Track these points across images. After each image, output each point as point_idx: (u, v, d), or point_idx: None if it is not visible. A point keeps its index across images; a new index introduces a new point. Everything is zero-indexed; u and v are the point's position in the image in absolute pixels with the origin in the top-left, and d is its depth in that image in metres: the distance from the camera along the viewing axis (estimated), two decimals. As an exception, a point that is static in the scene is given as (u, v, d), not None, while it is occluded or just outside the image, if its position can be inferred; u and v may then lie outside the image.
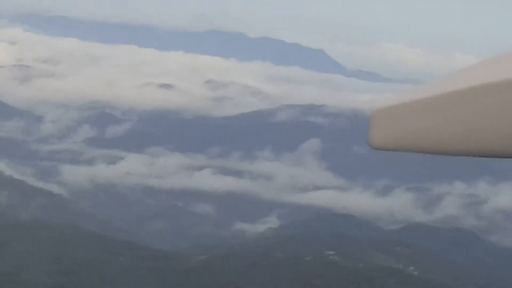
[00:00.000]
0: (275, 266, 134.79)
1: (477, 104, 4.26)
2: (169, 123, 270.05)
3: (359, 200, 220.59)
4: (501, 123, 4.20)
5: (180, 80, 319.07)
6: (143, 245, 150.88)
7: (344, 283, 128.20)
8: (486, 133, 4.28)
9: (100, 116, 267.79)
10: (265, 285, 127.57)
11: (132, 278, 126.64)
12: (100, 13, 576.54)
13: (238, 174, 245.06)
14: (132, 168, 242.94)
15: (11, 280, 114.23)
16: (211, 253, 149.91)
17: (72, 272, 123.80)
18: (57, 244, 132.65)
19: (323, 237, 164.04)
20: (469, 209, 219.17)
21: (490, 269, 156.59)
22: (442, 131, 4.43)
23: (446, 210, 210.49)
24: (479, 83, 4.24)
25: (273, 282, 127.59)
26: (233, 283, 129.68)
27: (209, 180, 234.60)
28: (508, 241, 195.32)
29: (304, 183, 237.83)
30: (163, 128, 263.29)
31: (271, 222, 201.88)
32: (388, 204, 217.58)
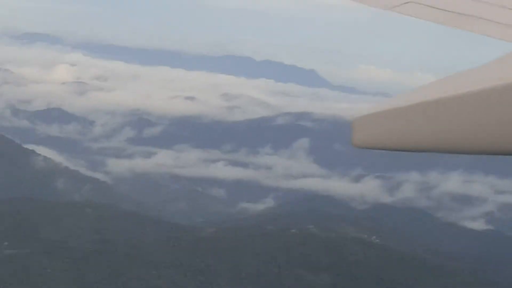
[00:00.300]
0: (266, 236, 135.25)
1: (435, 112, 4.19)
2: (192, 126, 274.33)
3: (337, 186, 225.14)
4: (455, 127, 4.20)
5: (201, 93, 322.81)
6: (167, 220, 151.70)
7: (321, 250, 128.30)
8: (441, 134, 4.28)
9: (139, 120, 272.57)
10: (257, 250, 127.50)
11: (158, 246, 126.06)
12: (141, 41, 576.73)
13: (245, 165, 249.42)
14: (163, 160, 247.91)
15: (60, 246, 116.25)
16: (219, 226, 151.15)
17: (110, 241, 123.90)
18: (100, 219, 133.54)
19: (307, 214, 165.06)
20: (422, 192, 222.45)
21: (436, 238, 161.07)
22: (408, 134, 4.44)
23: (404, 194, 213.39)
24: (436, 96, 4.24)
25: (264, 249, 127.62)
26: (233, 248, 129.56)
27: (222, 170, 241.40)
28: (451, 217, 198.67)
29: (296, 172, 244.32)
30: (187, 130, 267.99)
31: (268, 203, 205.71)
32: (360, 189, 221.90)
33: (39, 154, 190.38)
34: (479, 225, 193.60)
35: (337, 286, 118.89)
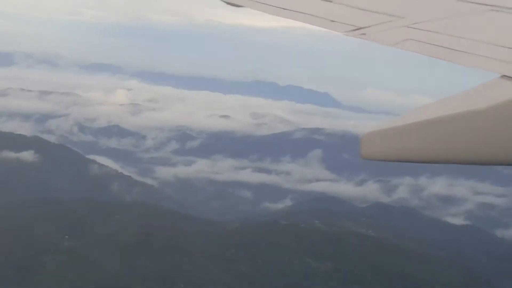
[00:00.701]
0: (280, 230, 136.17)
1: (432, 129, 4.12)
2: (226, 139, 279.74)
3: (344, 188, 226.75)
4: (447, 143, 4.18)
5: (234, 112, 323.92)
6: (202, 217, 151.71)
7: (325, 242, 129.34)
8: (436, 148, 4.24)
9: (183, 135, 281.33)
10: (272, 241, 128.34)
11: (192, 238, 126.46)
12: (186, 69, 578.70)
13: (268, 171, 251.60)
14: (201, 168, 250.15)
15: (109, 239, 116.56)
16: (242, 222, 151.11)
17: (153, 234, 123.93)
18: (146, 217, 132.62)
19: (315, 212, 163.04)
20: (414, 193, 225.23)
21: (423, 231, 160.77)
22: (408, 149, 4.34)
23: (399, 194, 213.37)
24: (433, 116, 4.20)
25: (278, 240, 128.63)
26: (252, 240, 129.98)
27: (249, 175, 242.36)
28: (436, 214, 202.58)
29: (310, 177, 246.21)
30: (222, 142, 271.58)
31: (286, 202, 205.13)
32: (362, 191, 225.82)
33: (99, 163, 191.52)
34: (459, 220, 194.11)
35: (338, 272, 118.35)
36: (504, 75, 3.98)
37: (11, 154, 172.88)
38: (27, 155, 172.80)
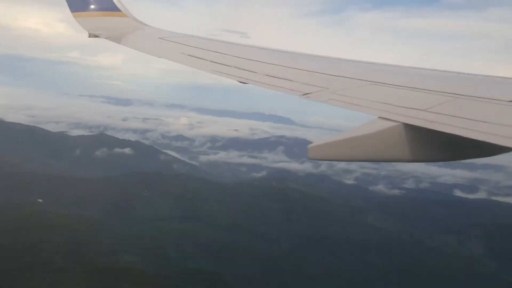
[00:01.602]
0: (257, 187, 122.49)
1: (356, 143, 3.65)
2: (235, 141, 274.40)
3: (293, 166, 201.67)
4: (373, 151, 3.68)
5: (241, 128, 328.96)
6: (219, 181, 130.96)
7: (276, 193, 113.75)
8: (349, 154, 3.69)
9: (213, 139, 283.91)
10: (251, 192, 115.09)
11: (214, 189, 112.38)
12: (217, 106, 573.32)
13: (255, 157, 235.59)
14: (222, 156, 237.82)
15: (173, 190, 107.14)
16: (239, 182, 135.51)
17: (193, 189, 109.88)
18: (191, 180, 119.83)
19: (276, 178, 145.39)
20: (330, 167, 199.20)
21: (331, 187, 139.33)
22: (333, 155, 3.69)
23: (323, 168, 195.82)
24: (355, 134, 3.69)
25: (255, 191, 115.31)
26: (243, 191, 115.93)
27: (246, 159, 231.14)
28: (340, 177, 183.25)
29: (276, 160, 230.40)
30: (233, 143, 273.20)
31: (263, 173, 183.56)
32: (303, 167, 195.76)
33: (169, 154, 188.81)
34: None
35: (283, 208, 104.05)
36: (380, 117, 3.81)
37: (119, 150, 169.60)
38: (128, 151, 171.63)
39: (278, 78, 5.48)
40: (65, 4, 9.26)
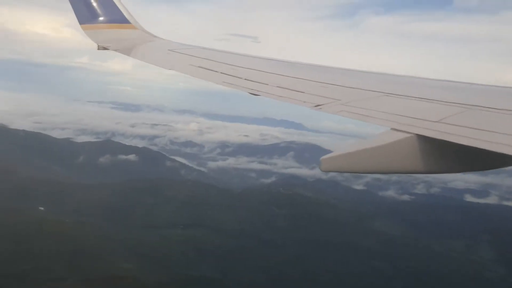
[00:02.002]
0: (266, 193, 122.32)
1: (366, 155, 3.68)
2: (245, 147, 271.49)
3: (303, 172, 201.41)
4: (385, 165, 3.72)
5: (251, 133, 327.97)
6: (228, 188, 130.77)
7: (284, 199, 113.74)
8: (362, 166, 3.76)
9: (223, 145, 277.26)
10: (260, 198, 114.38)
11: (221, 196, 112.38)
12: (227, 111, 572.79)
13: (265, 163, 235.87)
14: (231, 162, 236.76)
15: (179, 196, 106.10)
16: (248, 188, 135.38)
17: (201, 194, 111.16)
18: (198, 186, 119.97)
19: (284, 184, 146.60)
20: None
21: (347, 196, 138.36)
22: (346, 166, 3.73)
23: (332, 174, 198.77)
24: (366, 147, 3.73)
25: (263, 197, 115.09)
26: (251, 197, 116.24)
27: (255, 165, 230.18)
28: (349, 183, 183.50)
29: (286, 166, 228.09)
30: (243, 148, 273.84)
31: (272, 179, 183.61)
32: (312, 173, 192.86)
33: (177, 160, 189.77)
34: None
35: (288, 214, 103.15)
36: (393, 128, 3.85)
37: (124, 157, 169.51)
38: (133, 157, 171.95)
39: (289, 89, 5.54)
40: (72, 9, 9.10)
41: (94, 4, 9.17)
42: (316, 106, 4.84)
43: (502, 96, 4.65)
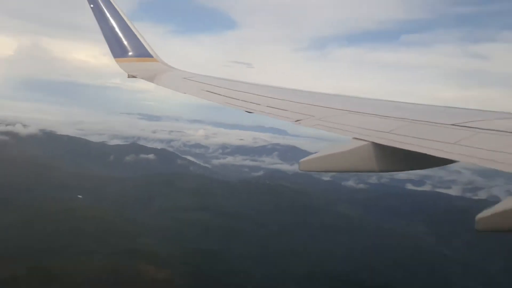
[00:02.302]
0: (255, 184, 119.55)
1: (333, 158, 3.67)
2: (241, 148, 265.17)
3: (285, 167, 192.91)
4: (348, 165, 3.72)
5: (246, 137, 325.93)
6: (226, 180, 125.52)
7: (269, 189, 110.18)
8: (330, 166, 3.72)
9: (223, 147, 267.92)
10: (249, 188, 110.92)
11: (221, 185, 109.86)
12: (228, 120, 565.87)
13: (255, 160, 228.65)
14: (230, 160, 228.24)
15: (186, 188, 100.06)
16: (241, 180, 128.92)
17: (206, 185, 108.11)
18: (203, 180, 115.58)
19: (269, 177, 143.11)
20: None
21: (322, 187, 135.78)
22: (319, 167, 3.69)
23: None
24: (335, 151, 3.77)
25: (252, 188, 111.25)
26: (243, 187, 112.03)
27: (248, 162, 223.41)
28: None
29: (271, 163, 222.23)
30: (239, 149, 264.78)
31: (260, 173, 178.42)
32: (293, 168, 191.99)
33: (187, 159, 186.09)
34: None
35: (270, 202, 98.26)
36: (354, 137, 3.89)
37: (145, 156, 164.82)
38: (152, 156, 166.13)
39: (276, 108, 5.61)
40: (107, 45, 9.26)
41: (124, 42, 9.33)
42: (296, 121, 4.95)
43: (436, 113, 4.74)
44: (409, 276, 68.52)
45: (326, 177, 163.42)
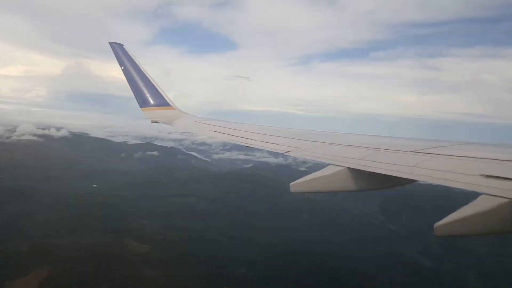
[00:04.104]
0: (243, 173, 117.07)
1: (324, 180, 3.72)
2: (237, 145, 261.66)
3: (270, 160, 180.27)
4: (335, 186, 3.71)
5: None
6: (222, 172, 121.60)
7: (250, 177, 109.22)
8: (316, 187, 3.72)
9: (224, 144, 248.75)
10: (239, 176, 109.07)
11: (219, 176, 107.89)
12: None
13: (247, 155, 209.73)
14: (228, 155, 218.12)
15: (189, 179, 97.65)
16: (235, 171, 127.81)
17: (206, 175, 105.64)
18: (204, 172, 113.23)
19: (256, 168, 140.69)
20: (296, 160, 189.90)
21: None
22: (307, 188, 3.74)
23: (290, 160, 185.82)
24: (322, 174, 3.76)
25: (239, 176, 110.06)
26: (236, 176, 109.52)
27: (242, 156, 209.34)
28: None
29: (260, 156, 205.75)
30: (236, 147, 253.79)
31: (250, 165, 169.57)
32: (278, 161, 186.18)
33: (191, 154, 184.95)
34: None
35: (252, 189, 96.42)
36: (332, 164, 3.88)
37: (150, 153, 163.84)
38: (156, 153, 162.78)
39: (268, 142, 5.73)
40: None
41: (148, 95, 9.63)
42: (286, 152, 4.93)
43: (397, 142, 4.78)
44: (357, 246, 67.19)
45: (302, 168, 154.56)
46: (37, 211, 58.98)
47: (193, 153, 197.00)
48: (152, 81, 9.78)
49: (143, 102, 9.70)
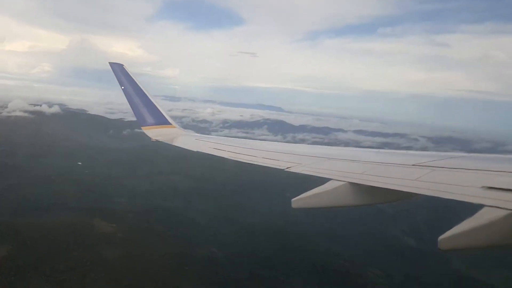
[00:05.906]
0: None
1: (324, 195, 3.87)
2: (240, 123, 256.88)
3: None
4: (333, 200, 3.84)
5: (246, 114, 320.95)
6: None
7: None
8: (318, 202, 3.86)
9: (225, 122, 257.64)
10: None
11: (220, 164, 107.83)
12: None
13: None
14: (230, 135, 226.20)
15: (188, 168, 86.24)
16: None
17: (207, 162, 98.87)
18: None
19: None
20: None
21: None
22: (309, 203, 3.90)
23: None
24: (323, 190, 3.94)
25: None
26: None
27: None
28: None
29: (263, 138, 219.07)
30: (237, 125, 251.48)
31: None
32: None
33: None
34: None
35: (247, 184, 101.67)
36: (333, 179, 3.98)
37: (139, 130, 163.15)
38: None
39: (269, 159, 5.70)
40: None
41: (149, 114, 9.84)
42: (287, 168, 4.97)
43: (398, 156, 4.78)
44: (338, 226, 64.42)
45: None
46: (13, 189, 58.30)
47: (190, 130, 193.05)
48: (152, 100, 9.89)
49: (143, 121, 9.84)
